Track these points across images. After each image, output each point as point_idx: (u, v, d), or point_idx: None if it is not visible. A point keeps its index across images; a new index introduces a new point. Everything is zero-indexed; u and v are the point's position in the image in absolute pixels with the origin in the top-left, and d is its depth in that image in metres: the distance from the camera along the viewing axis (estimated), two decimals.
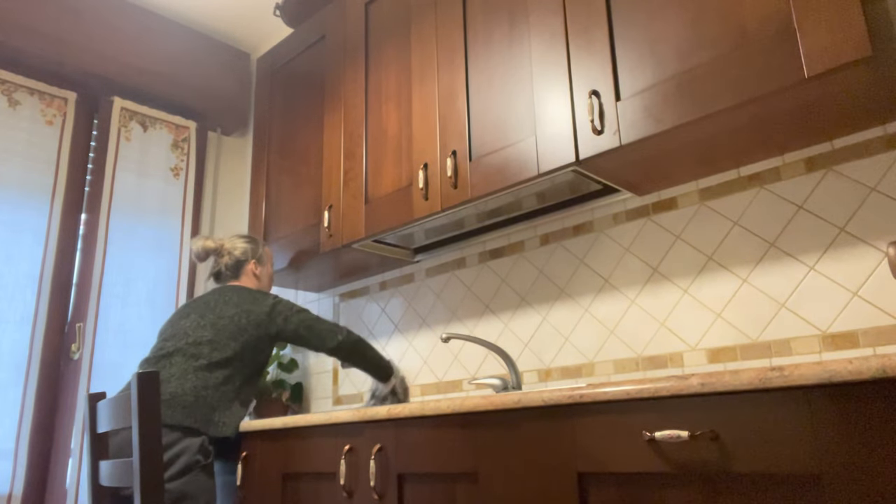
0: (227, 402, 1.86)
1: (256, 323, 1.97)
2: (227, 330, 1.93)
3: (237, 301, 2.01)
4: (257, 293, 2.06)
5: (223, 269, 2.20)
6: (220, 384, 1.85)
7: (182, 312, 2.05)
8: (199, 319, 1.97)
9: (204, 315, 1.98)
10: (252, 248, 2.24)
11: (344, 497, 1.60)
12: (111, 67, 2.84)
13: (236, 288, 2.08)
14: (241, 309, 1.99)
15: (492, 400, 1.30)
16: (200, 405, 1.79)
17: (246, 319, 1.97)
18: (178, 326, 1.98)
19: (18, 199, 2.62)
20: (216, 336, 1.92)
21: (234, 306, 1.99)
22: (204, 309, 2.01)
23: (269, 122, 2.67)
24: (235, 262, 2.20)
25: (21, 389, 2.47)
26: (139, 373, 1.22)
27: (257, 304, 2.01)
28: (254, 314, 1.98)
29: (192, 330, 1.94)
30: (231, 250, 2.21)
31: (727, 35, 1.33)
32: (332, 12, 2.44)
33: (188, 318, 2.00)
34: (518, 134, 1.69)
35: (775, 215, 1.54)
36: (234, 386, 1.89)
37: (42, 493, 2.47)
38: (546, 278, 1.97)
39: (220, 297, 2.05)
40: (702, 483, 1.01)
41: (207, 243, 2.23)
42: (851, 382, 0.88)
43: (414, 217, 1.91)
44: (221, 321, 1.95)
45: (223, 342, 1.91)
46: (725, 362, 1.56)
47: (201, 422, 1.77)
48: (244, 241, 2.24)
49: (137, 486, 1.20)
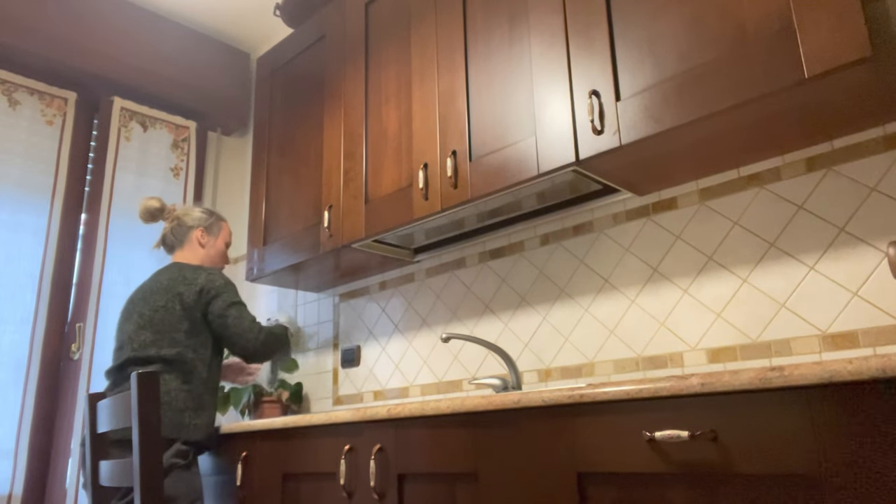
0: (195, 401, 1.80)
1: (190, 305, 1.85)
2: (164, 323, 1.82)
3: (167, 285, 1.88)
4: (189, 270, 1.92)
5: (168, 234, 2.08)
6: (182, 384, 1.79)
7: (126, 312, 1.94)
8: (138, 319, 1.87)
9: (141, 313, 1.87)
10: (204, 218, 2.12)
11: (344, 497, 1.60)
12: (111, 67, 2.84)
13: (170, 267, 1.96)
14: (172, 293, 1.86)
15: (492, 400, 1.30)
16: (168, 412, 1.73)
17: (179, 304, 1.84)
18: (124, 332, 1.89)
19: (18, 199, 2.62)
20: (156, 335, 1.81)
21: (163, 293, 1.86)
22: (142, 305, 1.89)
23: (269, 122, 2.67)
24: (182, 227, 2.07)
25: (21, 389, 2.48)
26: (139, 373, 1.22)
27: (187, 284, 1.88)
28: (185, 296, 1.86)
29: (134, 334, 1.84)
30: (181, 215, 2.09)
31: (727, 35, 1.33)
32: (332, 12, 2.44)
33: (130, 319, 1.90)
34: (518, 134, 1.69)
35: (775, 215, 1.54)
36: (197, 380, 1.82)
37: (42, 493, 2.47)
38: (546, 278, 1.97)
39: (153, 283, 1.92)
40: (702, 483, 1.01)
41: (151, 202, 2.08)
42: (851, 382, 0.88)
43: (414, 217, 1.91)
44: (156, 314, 1.84)
45: (166, 338, 1.81)
46: (725, 362, 1.56)
47: (171, 429, 1.72)
48: (200, 211, 2.13)
49: (137, 485, 1.20)
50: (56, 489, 2.46)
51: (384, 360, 2.41)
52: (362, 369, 2.49)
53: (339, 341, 2.62)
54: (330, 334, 2.66)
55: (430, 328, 2.28)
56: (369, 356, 2.47)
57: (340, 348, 2.60)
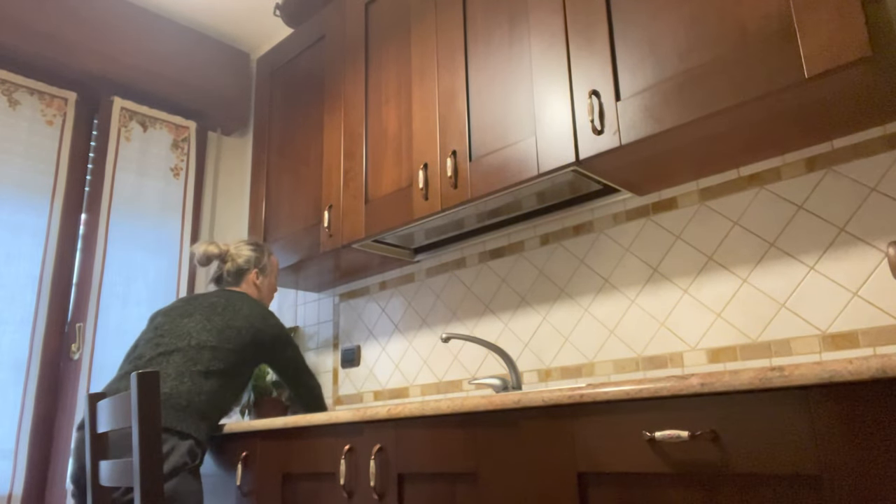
0: (214, 413, 1.85)
1: (260, 343, 1.97)
2: (231, 341, 1.91)
3: (248, 314, 1.99)
4: (266, 311, 2.05)
5: (224, 275, 2.19)
6: (213, 394, 1.83)
7: (183, 310, 2.00)
8: (206, 322, 1.93)
9: (210, 318, 1.94)
10: (256, 257, 2.21)
11: (344, 497, 1.60)
12: (111, 67, 2.84)
13: (245, 297, 2.06)
14: (251, 324, 1.97)
15: (492, 400, 1.30)
16: (192, 411, 1.77)
17: (251, 337, 1.95)
18: (181, 325, 1.93)
19: (18, 199, 2.62)
20: (220, 344, 1.89)
21: (243, 319, 1.97)
22: (210, 312, 1.96)
23: (269, 122, 2.67)
24: (237, 270, 2.18)
25: (21, 389, 2.47)
26: (139, 373, 1.22)
27: (266, 326, 2.00)
28: (260, 335, 1.97)
29: (195, 332, 1.90)
30: (235, 257, 2.19)
31: (727, 35, 1.33)
32: (332, 12, 2.44)
33: (192, 317, 1.95)
34: (518, 134, 1.69)
35: (775, 215, 1.54)
36: (223, 398, 1.87)
37: (42, 493, 2.47)
38: (546, 278, 1.97)
39: (228, 302, 2.01)
40: (702, 483, 1.01)
41: (210, 248, 2.20)
42: (851, 382, 0.88)
43: (414, 217, 1.91)
44: (229, 331, 1.92)
45: (224, 352, 1.88)
46: (725, 362, 1.56)
47: (192, 427, 1.75)
48: (250, 249, 2.22)
49: (137, 486, 1.20)
50: (56, 489, 2.45)
51: (384, 360, 2.41)
52: (362, 369, 2.49)
53: (339, 341, 2.62)
54: (330, 334, 2.66)
55: (430, 328, 2.28)
56: (369, 356, 2.47)
57: (340, 348, 2.60)
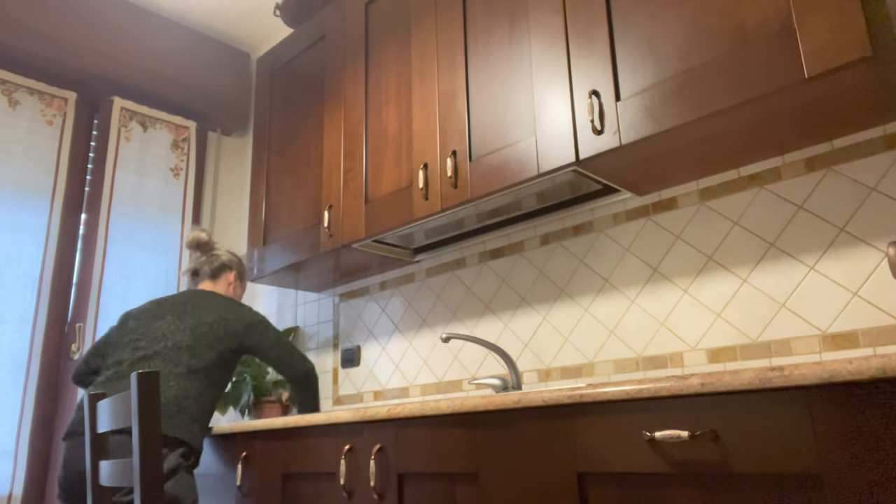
0: (204, 416, 1.84)
1: (234, 333, 1.95)
2: (205, 337, 1.89)
3: (216, 308, 1.98)
4: (234, 303, 2.03)
5: (202, 268, 2.18)
6: (199, 395, 1.82)
7: (154, 312, 1.97)
8: (178, 322, 1.91)
9: (182, 318, 1.93)
10: (238, 262, 2.26)
11: (344, 497, 1.60)
12: (111, 67, 2.84)
13: (213, 294, 2.05)
14: (220, 317, 1.95)
15: (492, 400, 1.30)
16: (183, 416, 1.76)
17: (223, 329, 1.93)
18: (154, 327, 1.91)
19: (18, 199, 2.62)
20: (195, 342, 1.87)
21: (213, 312, 1.95)
22: (181, 311, 1.95)
23: (269, 122, 2.67)
24: (220, 265, 2.19)
25: (21, 389, 2.47)
26: (139, 373, 1.22)
27: (235, 315, 1.98)
28: (231, 324, 1.95)
29: (170, 333, 1.88)
30: (220, 254, 2.22)
31: (727, 35, 1.33)
32: (332, 12, 2.44)
33: (164, 319, 1.93)
34: (518, 134, 1.69)
35: (775, 215, 1.54)
36: (209, 398, 1.86)
37: (42, 493, 2.47)
38: (546, 278, 1.97)
39: (197, 300, 2.00)
40: (702, 483, 1.01)
41: (202, 235, 2.22)
42: (851, 382, 0.88)
43: (414, 217, 1.91)
44: (201, 327, 1.91)
45: (201, 349, 1.87)
46: (725, 362, 1.56)
47: (184, 432, 1.74)
48: (234, 256, 2.26)
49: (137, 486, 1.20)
50: (56, 489, 2.46)
51: (384, 360, 2.41)
52: (362, 369, 2.49)
53: (339, 341, 2.62)
54: (330, 334, 2.66)
55: (430, 328, 2.28)
56: (369, 356, 2.47)
57: (340, 348, 2.60)
